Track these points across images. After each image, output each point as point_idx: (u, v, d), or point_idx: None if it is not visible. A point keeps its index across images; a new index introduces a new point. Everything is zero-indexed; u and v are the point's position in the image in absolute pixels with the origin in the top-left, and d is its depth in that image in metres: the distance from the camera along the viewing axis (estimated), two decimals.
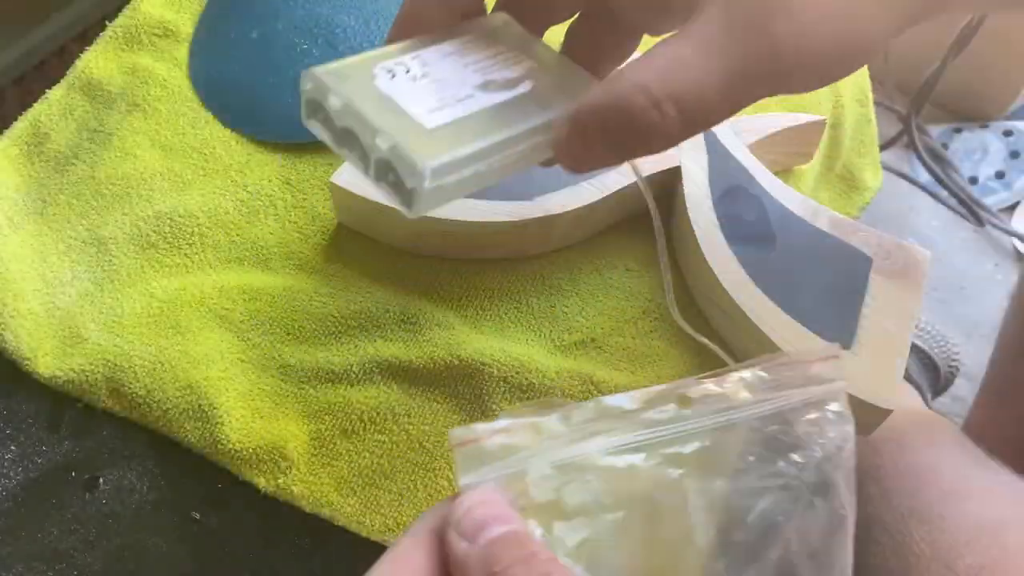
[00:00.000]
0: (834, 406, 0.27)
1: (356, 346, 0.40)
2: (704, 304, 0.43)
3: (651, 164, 0.44)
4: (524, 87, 0.28)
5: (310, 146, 0.48)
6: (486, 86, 0.27)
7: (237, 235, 0.44)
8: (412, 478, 0.38)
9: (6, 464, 0.38)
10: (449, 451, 0.37)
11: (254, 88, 0.49)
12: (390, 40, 0.28)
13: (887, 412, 0.37)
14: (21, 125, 0.47)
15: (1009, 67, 1.12)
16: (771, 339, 0.39)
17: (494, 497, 0.24)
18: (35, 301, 0.41)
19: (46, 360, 0.39)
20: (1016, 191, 1.11)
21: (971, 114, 1.19)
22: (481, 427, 0.24)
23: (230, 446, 0.37)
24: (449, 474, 0.38)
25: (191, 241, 0.44)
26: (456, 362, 0.39)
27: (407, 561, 0.23)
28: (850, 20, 0.24)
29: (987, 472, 0.52)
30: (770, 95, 0.25)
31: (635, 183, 0.44)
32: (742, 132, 0.47)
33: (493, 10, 0.31)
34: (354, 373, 0.40)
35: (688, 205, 0.42)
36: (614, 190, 0.43)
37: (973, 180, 1.13)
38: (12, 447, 0.38)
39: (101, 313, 0.41)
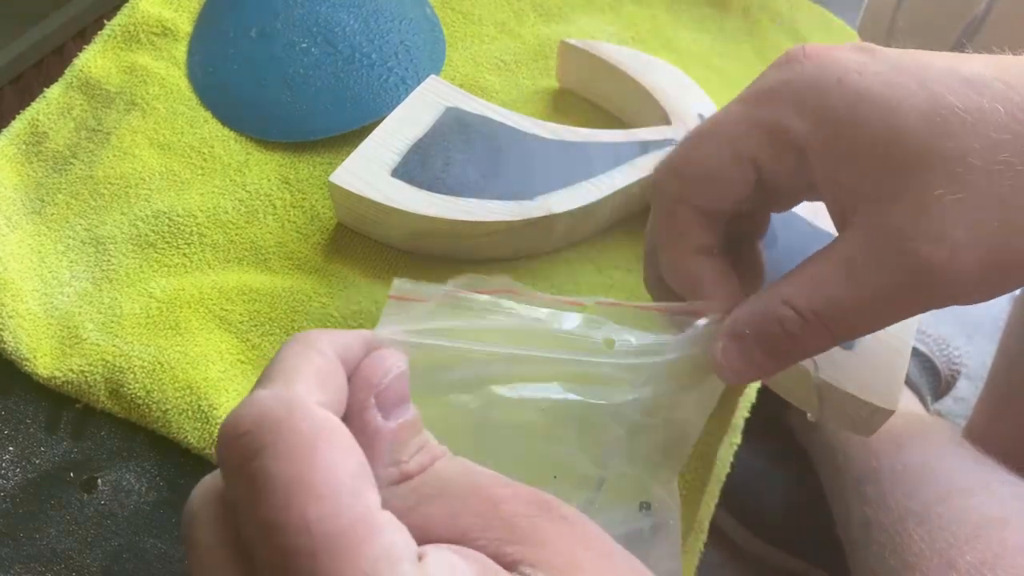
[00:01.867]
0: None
1: None
2: None
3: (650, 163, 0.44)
4: None
5: (309, 145, 0.48)
6: None
7: (236, 235, 0.44)
8: None
9: (4, 465, 0.38)
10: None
11: (253, 87, 0.49)
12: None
13: (889, 413, 0.37)
14: (19, 124, 0.47)
15: None
16: None
17: (406, 371, 0.22)
18: (33, 301, 0.41)
19: (44, 361, 0.39)
20: None
21: None
22: (427, 290, 0.24)
23: None
24: None
25: (190, 241, 0.43)
26: None
27: (328, 381, 0.21)
28: (1011, 245, 0.24)
29: (984, 470, 0.53)
30: (929, 309, 0.26)
31: (635, 182, 0.44)
32: None
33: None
34: None
35: None
36: (615, 189, 0.43)
37: None
38: (10, 448, 0.38)
39: (100, 313, 0.41)
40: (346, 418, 0.21)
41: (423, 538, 0.19)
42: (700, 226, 0.30)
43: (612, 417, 0.28)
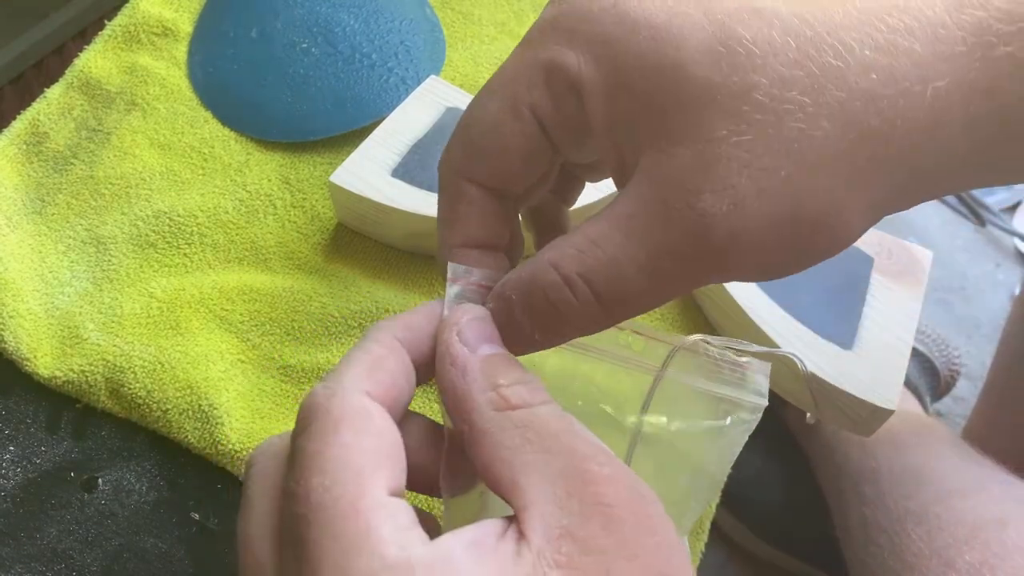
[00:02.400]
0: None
1: None
2: (705, 303, 0.43)
3: None
4: None
5: (309, 145, 0.48)
6: None
7: (236, 235, 0.44)
8: None
9: (5, 465, 0.38)
10: None
11: (253, 87, 0.49)
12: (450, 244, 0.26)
13: (888, 413, 0.37)
14: (19, 124, 0.47)
15: None
16: (772, 339, 0.38)
17: (490, 318, 0.23)
18: (34, 301, 0.41)
19: (45, 360, 0.39)
20: (1017, 191, 1.11)
21: None
22: (476, 272, 0.25)
23: (230, 446, 0.37)
24: None
25: (190, 241, 0.43)
26: None
27: (380, 367, 0.22)
28: (802, 200, 0.21)
29: (983, 471, 0.53)
30: (710, 281, 0.23)
31: None
32: None
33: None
34: None
35: None
36: (614, 190, 0.43)
37: None
38: (11, 448, 0.38)
39: (100, 313, 0.41)
40: (438, 359, 0.22)
41: (510, 483, 0.20)
42: (481, 210, 0.25)
43: (641, 441, 0.28)
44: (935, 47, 0.21)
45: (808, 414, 0.34)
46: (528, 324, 0.23)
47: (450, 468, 0.23)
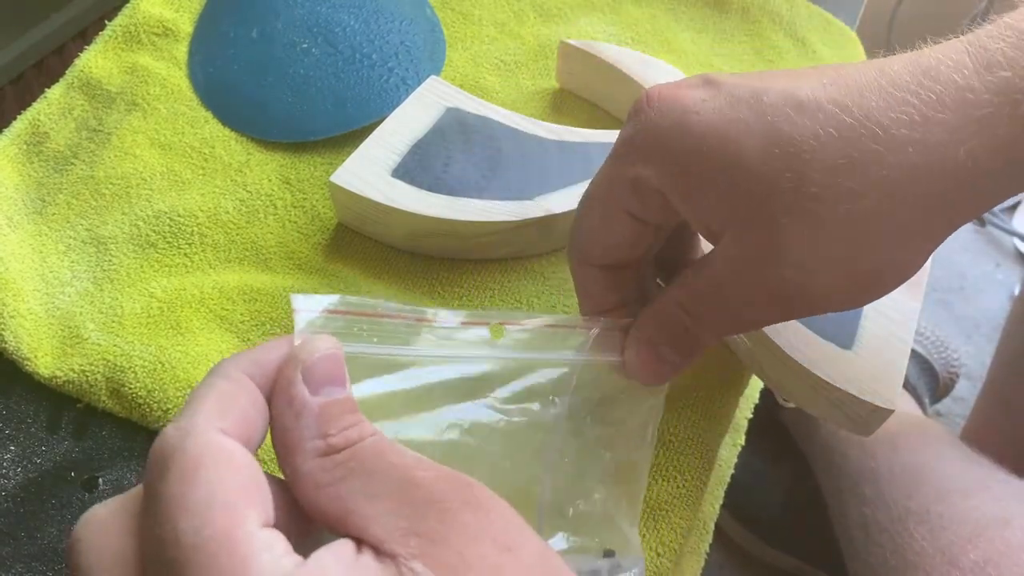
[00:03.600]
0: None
1: None
2: None
3: None
4: None
5: (310, 145, 0.48)
6: None
7: (237, 235, 0.44)
8: None
9: (5, 464, 0.38)
10: None
11: (254, 87, 0.49)
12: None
13: (888, 412, 0.37)
14: (20, 124, 0.47)
15: None
16: (771, 338, 0.38)
17: (340, 355, 0.23)
18: (35, 301, 0.41)
19: (46, 360, 0.39)
20: None
21: None
22: (323, 299, 0.24)
23: None
24: None
25: (191, 241, 0.44)
26: None
27: (232, 404, 0.22)
28: (863, 263, 0.25)
29: (982, 470, 0.53)
30: (792, 319, 0.29)
31: None
32: None
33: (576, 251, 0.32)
34: None
35: None
36: None
37: None
38: (12, 447, 0.38)
39: (101, 313, 0.41)
40: (275, 395, 0.22)
41: (342, 513, 0.20)
42: (605, 285, 0.31)
43: (544, 433, 0.29)
44: (965, 111, 0.23)
45: (780, 396, 0.36)
46: (671, 353, 0.29)
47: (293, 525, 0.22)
